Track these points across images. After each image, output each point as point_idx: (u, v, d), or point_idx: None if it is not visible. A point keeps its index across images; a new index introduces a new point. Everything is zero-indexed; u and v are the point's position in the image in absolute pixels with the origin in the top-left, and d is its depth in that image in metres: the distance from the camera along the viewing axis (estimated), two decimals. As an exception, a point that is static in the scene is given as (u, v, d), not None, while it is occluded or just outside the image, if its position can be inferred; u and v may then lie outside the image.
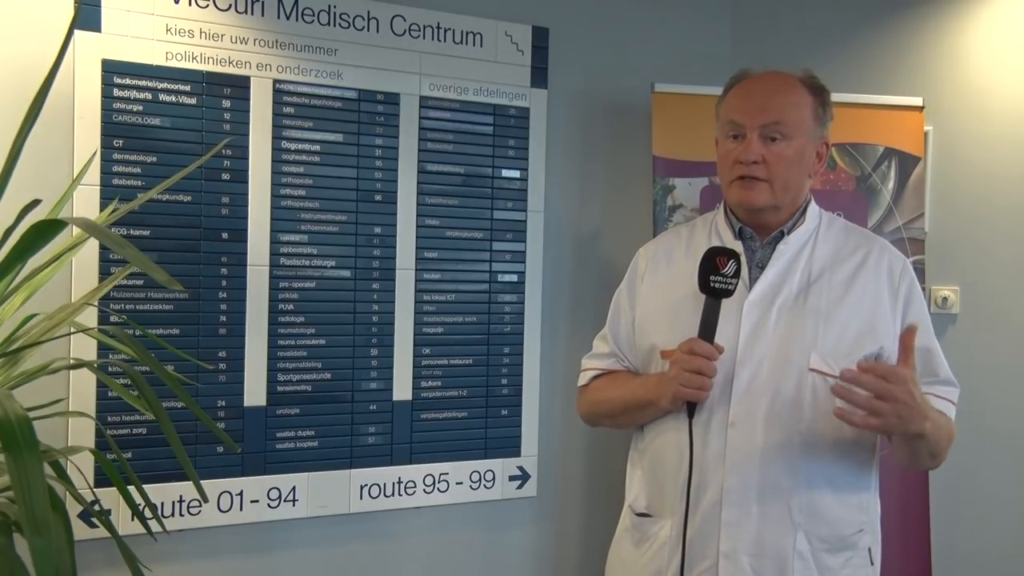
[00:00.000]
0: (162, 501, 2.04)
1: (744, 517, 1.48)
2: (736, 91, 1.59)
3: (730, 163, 1.55)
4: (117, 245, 1.16)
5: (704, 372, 1.44)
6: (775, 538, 1.48)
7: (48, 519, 1.05)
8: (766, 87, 1.56)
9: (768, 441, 1.48)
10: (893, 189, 2.41)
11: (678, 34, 2.73)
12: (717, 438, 1.49)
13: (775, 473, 1.48)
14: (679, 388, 1.46)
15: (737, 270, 1.46)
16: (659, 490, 1.58)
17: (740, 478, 1.48)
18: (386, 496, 2.30)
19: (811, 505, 1.48)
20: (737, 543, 1.48)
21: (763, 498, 1.48)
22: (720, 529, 1.48)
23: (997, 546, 2.48)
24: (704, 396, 1.47)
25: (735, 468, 1.48)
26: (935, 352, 1.55)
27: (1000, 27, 2.49)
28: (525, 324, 2.47)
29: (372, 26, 2.26)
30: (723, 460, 1.49)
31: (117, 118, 1.99)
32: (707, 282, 1.46)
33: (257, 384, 2.15)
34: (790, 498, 1.48)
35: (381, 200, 2.28)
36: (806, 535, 1.48)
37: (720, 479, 1.49)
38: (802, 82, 1.57)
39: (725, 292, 1.45)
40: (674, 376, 1.47)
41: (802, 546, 1.48)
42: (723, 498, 1.48)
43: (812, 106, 1.55)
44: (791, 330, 1.50)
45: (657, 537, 1.57)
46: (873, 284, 1.53)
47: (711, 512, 1.49)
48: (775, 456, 1.48)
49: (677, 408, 1.52)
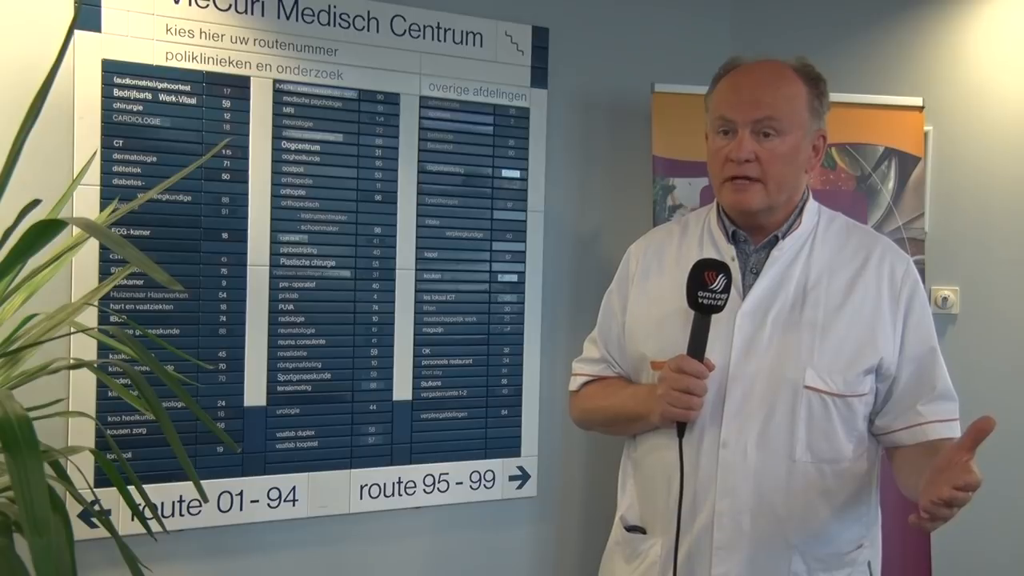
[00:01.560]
0: (162, 501, 2.04)
1: (737, 540, 1.42)
2: (726, 83, 1.49)
3: (721, 161, 1.46)
4: (117, 245, 1.16)
5: (693, 391, 1.38)
6: (769, 561, 1.43)
7: (48, 519, 1.05)
8: (758, 79, 1.45)
9: (761, 462, 1.42)
10: (893, 189, 2.41)
11: (678, 34, 2.73)
12: (709, 459, 1.43)
13: (769, 495, 1.42)
14: (667, 408, 1.41)
15: (727, 284, 1.38)
16: (651, 506, 1.54)
17: (732, 501, 1.42)
18: (386, 496, 2.30)
19: (807, 525, 1.43)
20: (730, 567, 1.42)
21: (756, 520, 1.42)
22: (712, 553, 1.43)
23: (997, 548, 2.48)
24: (693, 416, 1.41)
25: (727, 490, 1.42)
26: (936, 361, 1.48)
27: (1000, 27, 2.49)
28: (525, 324, 2.47)
29: (372, 26, 2.26)
30: (715, 482, 1.42)
31: (117, 118, 1.99)
32: (695, 298, 1.39)
33: (257, 384, 2.15)
34: (785, 520, 1.42)
35: (381, 200, 2.28)
36: (802, 556, 1.43)
37: (712, 501, 1.43)
38: (796, 71, 1.47)
39: (714, 308, 1.39)
40: (662, 395, 1.41)
41: (798, 568, 1.43)
42: (715, 521, 1.43)
43: (807, 97, 1.45)
44: (786, 345, 1.43)
45: (648, 555, 1.52)
46: (874, 290, 1.45)
47: (703, 534, 1.44)
48: (769, 477, 1.42)
49: (666, 426, 1.46)
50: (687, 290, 1.40)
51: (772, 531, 1.43)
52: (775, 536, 1.43)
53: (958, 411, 1.49)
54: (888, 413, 1.48)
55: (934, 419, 1.44)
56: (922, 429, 1.45)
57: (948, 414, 1.46)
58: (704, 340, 1.39)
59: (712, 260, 1.43)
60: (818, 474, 1.43)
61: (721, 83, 1.50)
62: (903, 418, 1.47)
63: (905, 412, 1.47)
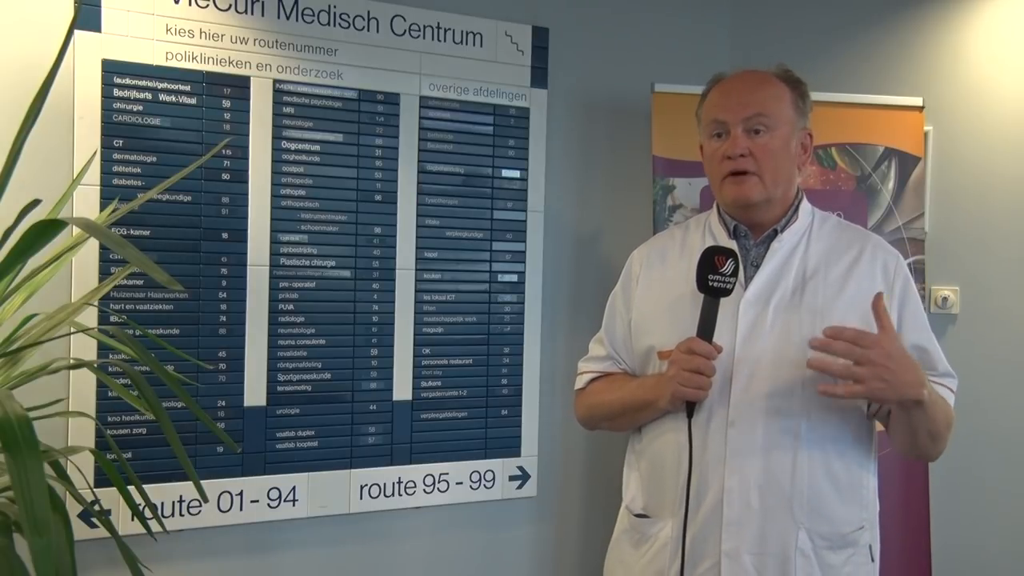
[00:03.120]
0: (162, 501, 2.04)
1: (746, 516, 1.48)
2: (715, 91, 1.60)
3: (718, 160, 1.55)
4: (117, 245, 1.16)
5: (703, 371, 1.44)
6: (777, 536, 1.48)
7: (48, 519, 1.05)
8: (744, 84, 1.57)
9: (768, 440, 1.48)
10: (893, 189, 2.41)
11: (678, 34, 2.73)
12: (717, 438, 1.49)
13: (776, 472, 1.47)
14: (678, 388, 1.46)
15: (735, 269, 1.46)
16: (658, 491, 1.58)
17: (741, 477, 1.48)
18: (386, 496, 2.30)
19: (813, 503, 1.48)
20: (739, 542, 1.48)
21: (764, 497, 1.47)
22: (722, 528, 1.48)
23: (996, 544, 2.48)
24: (704, 395, 1.47)
25: (736, 468, 1.48)
26: (932, 350, 1.55)
27: (1000, 27, 2.49)
28: (525, 324, 2.47)
29: (372, 26, 2.26)
30: (723, 460, 1.48)
31: (117, 118, 1.99)
32: (705, 281, 1.45)
33: (257, 384, 2.15)
34: (792, 496, 1.47)
35: (381, 200, 2.28)
36: (808, 533, 1.48)
37: (721, 479, 1.48)
38: (778, 76, 1.58)
39: (724, 291, 1.45)
40: (673, 376, 1.47)
41: (804, 544, 1.48)
42: (724, 498, 1.48)
43: (791, 97, 1.56)
44: (788, 328, 1.50)
45: (657, 538, 1.56)
46: (868, 280, 1.53)
47: (712, 512, 1.49)
48: (776, 455, 1.48)
49: (676, 408, 1.51)
50: (697, 274, 1.46)
51: (780, 507, 1.48)
52: (783, 512, 1.48)
53: (956, 387, 1.55)
54: None
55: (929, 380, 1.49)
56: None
57: (944, 382, 1.53)
58: (713, 323, 1.45)
59: (721, 247, 1.50)
60: (821, 453, 1.49)
61: (711, 94, 1.62)
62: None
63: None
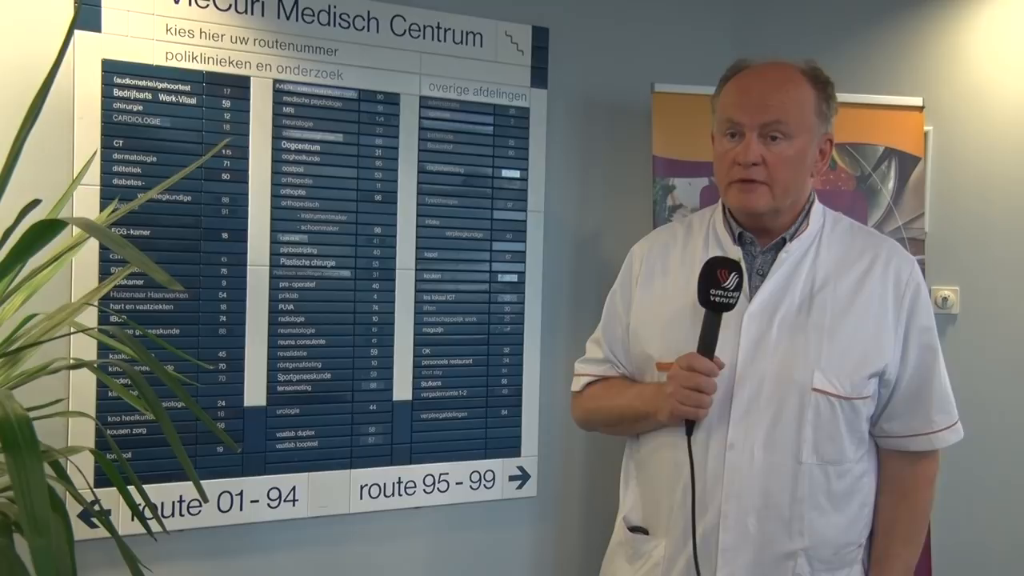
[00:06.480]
0: (162, 501, 2.04)
1: (742, 542, 1.43)
2: (734, 85, 1.48)
3: (728, 164, 1.46)
4: (117, 245, 1.16)
5: (703, 389, 1.39)
6: (774, 563, 1.43)
7: (48, 519, 1.05)
8: (766, 82, 1.45)
9: (768, 464, 1.42)
10: (893, 189, 2.41)
11: (678, 34, 2.73)
12: (715, 460, 1.44)
13: (775, 497, 1.42)
14: (677, 406, 1.41)
15: (739, 283, 1.39)
16: (654, 507, 1.54)
17: (739, 502, 1.43)
18: (386, 496, 2.30)
19: (813, 528, 1.43)
20: (735, 569, 1.43)
21: (762, 523, 1.42)
22: (717, 554, 1.43)
23: (997, 545, 2.48)
24: (703, 415, 1.41)
25: (733, 492, 1.43)
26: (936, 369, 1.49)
27: (1000, 27, 2.49)
28: (525, 324, 2.47)
29: (372, 26, 2.26)
30: (721, 483, 1.43)
31: (117, 118, 1.99)
32: (707, 296, 1.38)
33: (257, 384, 2.15)
34: (791, 522, 1.42)
35: (381, 200, 2.28)
36: (807, 558, 1.43)
37: (718, 502, 1.43)
38: (804, 74, 1.47)
39: (726, 306, 1.39)
40: (672, 393, 1.41)
41: (803, 569, 1.43)
42: (720, 523, 1.43)
43: (815, 101, 1.46)
44: (793, 347, 1.43)
45: (651, 556, 1.52)
46: (879, 293, 1.46)
47: (708, 536, 1.44)
48: (775, 479, 1.42)
49: (674, 424, 1.46)
50: (699, 288, 1.39)
51: (778, 533, 1.43)
52: (781, 538, 1.43)
53: (955, 414, 1.52)
54: (888, 418, 1.50)
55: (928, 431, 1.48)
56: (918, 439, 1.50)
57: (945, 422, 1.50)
58: (715, 339, 1.40)
59: (724, 258, 1.43)
60: (823, 476, 1.43)
61: (728, 85, 1.50)
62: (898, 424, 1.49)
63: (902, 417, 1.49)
